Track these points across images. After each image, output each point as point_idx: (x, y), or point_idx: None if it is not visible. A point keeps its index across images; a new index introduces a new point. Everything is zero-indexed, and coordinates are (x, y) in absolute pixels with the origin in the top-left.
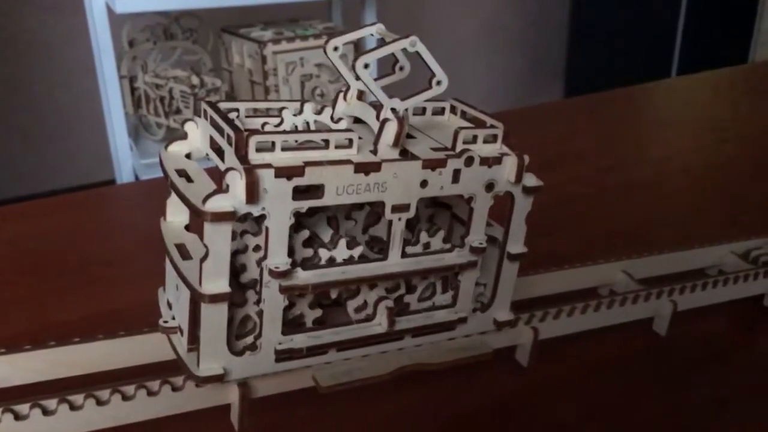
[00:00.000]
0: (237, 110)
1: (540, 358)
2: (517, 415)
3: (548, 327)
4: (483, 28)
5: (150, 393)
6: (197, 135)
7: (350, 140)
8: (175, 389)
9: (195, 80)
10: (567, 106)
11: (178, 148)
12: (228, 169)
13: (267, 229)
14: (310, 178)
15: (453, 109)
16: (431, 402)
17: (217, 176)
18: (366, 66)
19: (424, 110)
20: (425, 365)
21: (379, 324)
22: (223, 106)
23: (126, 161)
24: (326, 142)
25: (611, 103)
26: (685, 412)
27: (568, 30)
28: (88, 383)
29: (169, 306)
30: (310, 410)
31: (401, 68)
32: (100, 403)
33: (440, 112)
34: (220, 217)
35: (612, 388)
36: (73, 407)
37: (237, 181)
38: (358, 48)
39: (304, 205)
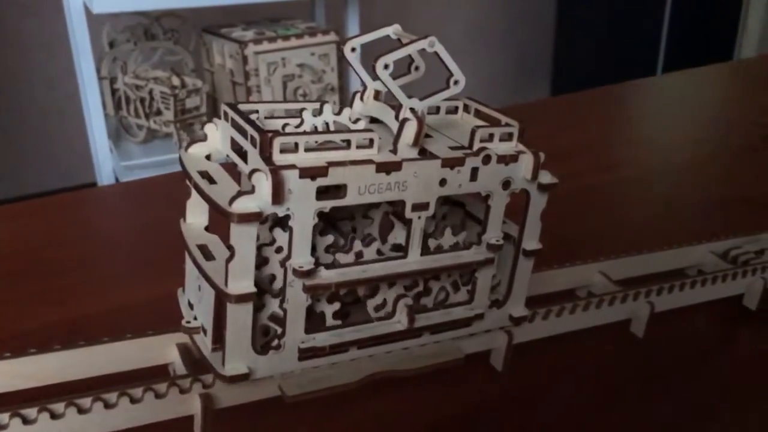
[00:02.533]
0: (257, 112)
1: (515, 362)
2: (491, 420)
3: (523, 330)
4: (469, 27)
5: (107, 405)
6: (217, 137)
7: (371, 140)
8: (133, 401)
9: (175, 81)
10: (552, 104)
11: (198, 149)
12: (253, 171)
13: (291, 229)
14: (333, 178)
15: (466, 108)
16: (404, 409)
17: (235, 175)
18: (386, 67)
19: (438, 109)
20: (395, 372)
21: (399, 322)
22: (244, 107)
23: (106, 163)
24: (348, 142)
25: (596, 101)
26: (663, 414)
27: (554, 29)
28: (44, 396)
29: (191, 306)
30: (279, 419)
31: (416, 68)
32: (54, 416)
33: (453, 111)
34: (246, 218)
35: (589, 392)
36: (26, 421)
37: (263, 183)
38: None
39: (328, 205)
